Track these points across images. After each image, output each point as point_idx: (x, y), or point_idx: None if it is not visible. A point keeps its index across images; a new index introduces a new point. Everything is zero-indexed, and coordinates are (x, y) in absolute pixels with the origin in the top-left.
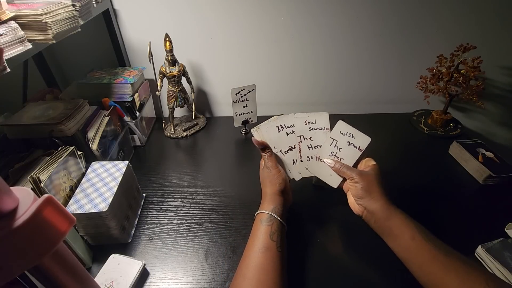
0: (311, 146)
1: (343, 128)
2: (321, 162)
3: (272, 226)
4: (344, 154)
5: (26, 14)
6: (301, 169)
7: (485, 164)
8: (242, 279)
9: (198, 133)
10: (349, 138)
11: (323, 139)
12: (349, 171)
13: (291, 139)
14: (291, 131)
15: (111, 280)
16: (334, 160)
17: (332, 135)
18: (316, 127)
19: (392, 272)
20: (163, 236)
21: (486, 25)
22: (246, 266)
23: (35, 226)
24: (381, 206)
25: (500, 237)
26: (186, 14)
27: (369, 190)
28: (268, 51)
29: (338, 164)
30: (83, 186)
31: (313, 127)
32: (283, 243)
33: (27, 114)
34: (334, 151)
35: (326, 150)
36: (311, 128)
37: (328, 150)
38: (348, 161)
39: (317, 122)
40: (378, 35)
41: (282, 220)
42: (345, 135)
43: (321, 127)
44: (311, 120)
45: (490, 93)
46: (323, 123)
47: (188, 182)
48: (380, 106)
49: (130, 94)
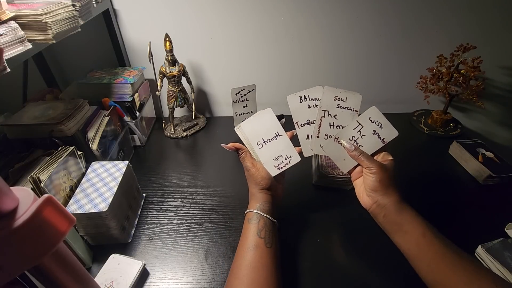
0: (333, 125)
1: (374, 115)
2: (338, 143)
3: (259, 223)
4: (364, 141)
5: (26, 14)
6: (315, 146)
7: (485, 164)
8: (234, 279)
9: (198, 133)
10: (377, 127)
11: (348, 121)
12: (369, 160)
13: (312, 112)
14: (314, 105)
15: (111, 280)
16: (354, 146)
17: (360, 119)
18: (345, 105)
19: (392, 272)
20: (163, 236)
21: (486, 25)
22: (237, 266)
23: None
24: (394, 201)
25: (500, 237)
26: (186, 14)
27: (386, 184)
28: (268, 51)
29: (358, 151)
30: (83, 186)
31: (341, 105)
32: (272, 239)
33: (27, 114)
34: (355, 136)
35: (347, 133)
36: (339, 106)
37: (350, 133)
38: (366, 149)
39: (347, 101)
40: (378, 35)
41: (269, 217)
42: (373, 123)
43: (350, 108)
44: (342, 97)
45: (490, 93)
46: (354, 104)
47: (188, 182)
48: (380, 106)
49: (130, 94)
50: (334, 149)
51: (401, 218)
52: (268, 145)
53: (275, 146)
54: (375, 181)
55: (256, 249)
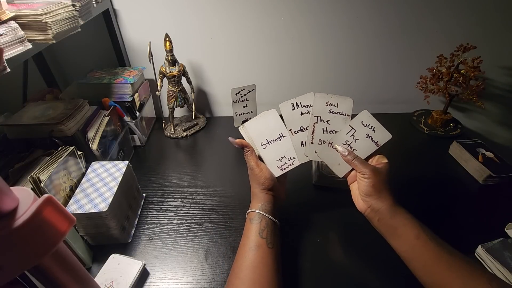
0: (326, 130)
1: (366, 118)
2: (332, 148)
3: (261, 223)
4: (358, 145)
5: (26, 14)
6: (309, 152)
7: (485, 164)
8: (235, 278)
9: (198, 133)
10: (369, 131)
11: (340, 126)
12: (362, 165)
13: (305, 119)
14: (307, 111)
15: (111, 280)
16: (348, 150)
17: (352, 123)
18: (337, 111)
19: (392, 272)
20: (163, 236)
21: (486, 25)
22: (238, 265)
23: (35, 226)
24: (387, 205)
25: (500, 237)
26: (186, 14)
27: (378, 189)
28: (268, 51)
29: (352, 155)
30: (83, 186)
31: (333, 110)
32: (274, 240)
33: (27, 114)
34: (349, 140)
35: (341, 137)
36: (331, 111)
37: (343, 138)
38: (360, 153)
39: (339, 106)
40: (378, 35)
41: (271, 217)
42: (366, 126)
43: (342, 112)
44: (333, 103)
45: (490, 93)
46: (346, 109)
47: (188, 182)
48: (380, 106)
49: (130, 94)
50: (329, 154)
51: (395, 222)
52: (272, 145)
53: (279, 147)
54: (368, 186)
55: (257, 249)
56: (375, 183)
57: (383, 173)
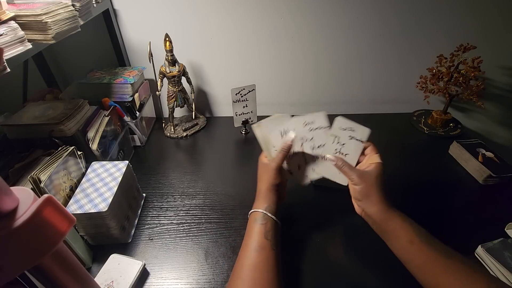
0: (315, 146)
1: (342, 123)
2: (327, 161)
3: (266, 225)
4: (347, 149)
5: (26, 14)
6: (308, 172)
7: (485, 164)
8: (237, 279)
9: (198, 133)
10: (350, 132)
11: (324, 138)
12: (350, 171)
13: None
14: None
15: (111, 280)
16: (336, 157)
17: (333, 132)
18: (315, 126)
19: (392, 273)
20: (163, 236)
21: (486, 25)
22: (241, 266)
23: (35, 226)
24: (378, 210)
25: (500, 237)
26: (186, 14)
27: (367, 194)
28: (268, 51)
29: (341, 161)
30: (83, 186)
31: (313, 127)
32: (277, 241)
33: (27, 114)
34: (337, 148)
35: (330, 148)
36: (311, 129)
37: (332, 147)
38: (352, 155)
39: (315, 122)
40: (379, 35)
41: (276, 218)
42: (345, 130)
43: (320, 126)
44: (309, 121)
45: (490, 93)
46: (322, 122)
47: (188, 182)
48: (380, 106)
49: (130, 94)
50: (326, 167)
51: (387, 226)
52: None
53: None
54: (356, 191)
55: (261, 250)
56: (362, 189)
57: (373, 176)
